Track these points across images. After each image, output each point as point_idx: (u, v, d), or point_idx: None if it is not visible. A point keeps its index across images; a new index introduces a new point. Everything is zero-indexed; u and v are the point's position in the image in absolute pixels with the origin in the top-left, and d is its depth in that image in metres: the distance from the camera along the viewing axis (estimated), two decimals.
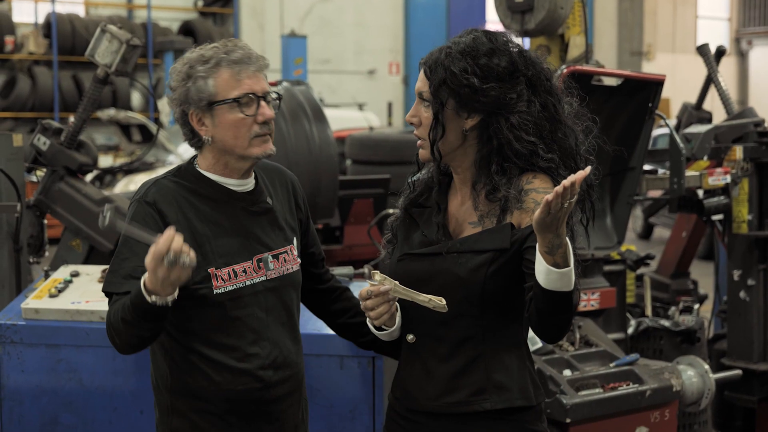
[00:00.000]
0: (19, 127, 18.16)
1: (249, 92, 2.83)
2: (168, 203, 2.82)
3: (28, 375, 3.83)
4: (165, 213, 2.81)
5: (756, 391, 5.65)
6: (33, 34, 19.35)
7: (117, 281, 2.77)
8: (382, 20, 23.51)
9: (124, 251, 2.79)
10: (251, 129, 2.84)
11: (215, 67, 2.82)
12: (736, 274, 5.70)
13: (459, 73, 2.66)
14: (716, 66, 7.22)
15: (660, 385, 4.38)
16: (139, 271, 2.67)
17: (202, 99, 2.83)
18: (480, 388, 2.70)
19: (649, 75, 5.10)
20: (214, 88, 2.82)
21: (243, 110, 2.82)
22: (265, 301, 2.92)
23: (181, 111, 2.89)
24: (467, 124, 2.70)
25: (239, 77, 2.83)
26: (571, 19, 5.64)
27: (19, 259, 4.74)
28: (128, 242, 2.77)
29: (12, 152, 4.73)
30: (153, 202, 2.82)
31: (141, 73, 19.52)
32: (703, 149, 5.53)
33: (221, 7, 22.09)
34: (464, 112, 2.69)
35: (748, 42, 31.85)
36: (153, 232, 2.63)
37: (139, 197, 2.84)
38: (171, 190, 2.86)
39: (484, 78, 2.65)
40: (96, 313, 3.81)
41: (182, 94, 2.86)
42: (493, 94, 2.65)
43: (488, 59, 2.66)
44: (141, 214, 2.80)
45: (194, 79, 2.83)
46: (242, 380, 2.87)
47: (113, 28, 5.03)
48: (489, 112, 2.67)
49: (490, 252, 2.65)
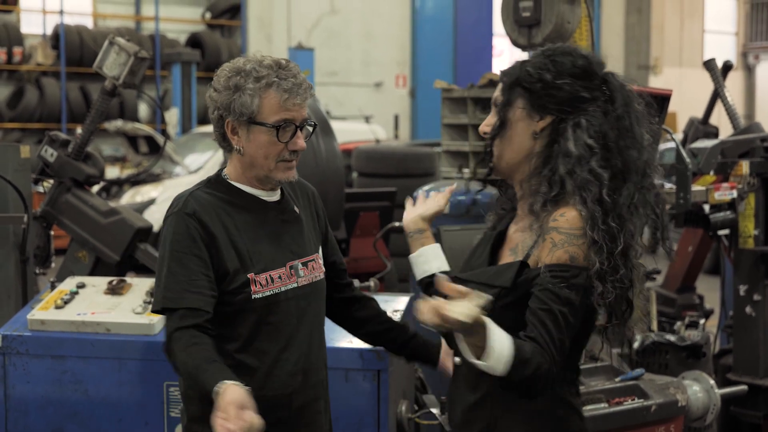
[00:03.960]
0: (26, 138, 18.19)
1: (289, 120, 2.89)
2: (207, 213, 2.87)
3: (34, 386, 3.84)
4: (206, 222, 2.85)
5: (762, 407, 5.63)
6: (41, 45, 19.39)
7: (175, 297, 2.78)
8: (389, 33, 23.53)
9: (174, 266, 2.81)
10: (281, 154, 2.92)
11: (265, 88, 2.87)
12: (743, 289, 5.68)
13: (533, 70, 2.63)
14: (723, 80, 7.22)
15: (665, 400, 4.37)
16: (194, 284, 2.76)
17: (243, 114, 2.88)
18: (485, 426, 2.67)
19: (655, 89, 5.09)
20: (258, 108, 2.87)
21: (279, 136, 2.89)
22: (297, 307, 2.99)
23: (218, 115, 2.93)
24: (539, 125, 2.63)
25: (285, 105, 2.89)
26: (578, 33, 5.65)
27: (26, 270, 4.75)
28: (175, 256, 2.81)
29: (19, 163, 4.74)
30: (193, 213, 2.86)
31: (148, 84, 19.56)
32: (710, 164, 5.52)
33: (229, 19, 22.13)
34: (536, 113, 2.62)
35: (755, 56, 31.83)
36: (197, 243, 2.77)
37: (179, 209, 2.88)
38: (207, 200, 2.90)
39: (558, 74, 2.61)
40: (102, 325, 3.82)
41: (225, 102, 2.90)
42: (567, 89, 2.60)
43: (563, 57, 2.63)
44: (183, 226, 2.84)
45: (242, 92, 2.87)
46: (273, 386, 2.93)
47: (121, 40, 5.05)
48: (561, 111, 2.60)
49: (497, 288, 2.60)
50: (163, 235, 2.88)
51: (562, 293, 2.48)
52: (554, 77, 2.60)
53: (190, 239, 2.81)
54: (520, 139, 2.65)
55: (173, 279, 2.80)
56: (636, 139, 2.60)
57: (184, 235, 2.82)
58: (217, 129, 2.96)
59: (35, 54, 19.28)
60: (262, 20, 21.93)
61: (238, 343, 2.91)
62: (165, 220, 2.91)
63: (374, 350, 3.60)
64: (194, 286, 2.77)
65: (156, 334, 3.81)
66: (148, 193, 13.92)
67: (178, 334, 2.74)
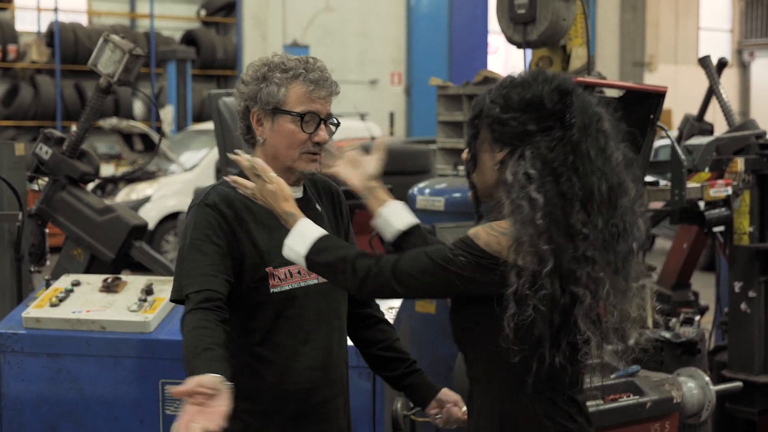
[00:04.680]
0: (21, 136, 18.17)
1: (314, 112, 2.94)
2: (227, 206, 2.90)
3: (29, 384, 3.83)
4: (226, 214, 2.88)
5: (757, 403, 5.64)
6: (36, 42, 19.36)
7: (190, 282, 2.80)
8: (384, 30, 23.53)
9: (193, 255, 2.84)
10: (304, 145, 2.95)
11: (293, 78, 2.92)
12: (737, 285, 5.69)
13: (488, 104, 2.65)
14: (718, 78, 7.22)
15: (660, 397, 4.38)
16: (212, 269, 2.80)
17: (269, 103, 2.93)
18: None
19: (650, 86, 5.10)
20: (284, 97, 2.92)
21: (303, 126, 2.93)
22: (317, 303, 3.01)
23: (245, 106, 2.98)
24: (497, 157, 2.65)
25: (311, 96, 2.93)
26: (573, 31, 5.65)
27: (21, 268, 4.75)
28: (195, 245, 2.85)
29: (14, 161, 4.73)
30: (213, 204, 2.89)
31: (143, 82, 19.54)
32: (705, 161, 5.52)
33: (224, 16, 22.11)
34: (496, 145, 2.65)
35: (750, 53, 31.86)
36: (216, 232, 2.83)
37: (200, 201, 2.92)
38: (229, 194, 2.93)
39: (506, 108, 2.61)
40: (97, 323, 3.81)
41: (252, 92, 2.95)
42: (513, 124, 2.60)
43: (514, 90, 2.63)
44: (204, 216, 2.88)
45: (269, 82, 2.93)
46: (292, 379, 2.95)
47: (116, 38, 5.04)
48: (512, 144, 2.61)
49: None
50: (185, 227, 2.93)
51: (449, 253, 2.57)
52: (501, 111, 2.61)
53: (210, 228, 2.85)
54: (485, 169, 2.70)
55: (192, 266, 2.83)
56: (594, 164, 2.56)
57: (204, 224, 2.86)
58: (243, 121, 3.01)
59: (30, 52, 19.26)
60: (257, 18, 21.91)
61: (257, 336, 2.94)
62: (187, 213, 2.97)
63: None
64: (211, 270, 2.80)
65: (151, 332, 3.81)
66: (144, 190, 13.92)
67: (188, 317, 2.74)
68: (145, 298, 3.92)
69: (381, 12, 23.46)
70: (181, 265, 2.87)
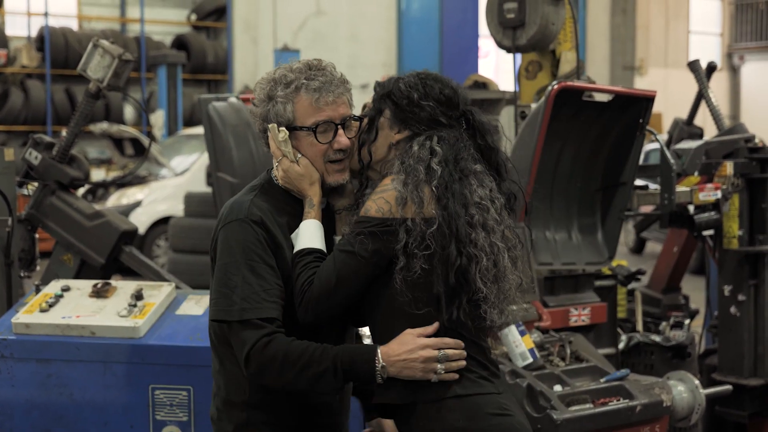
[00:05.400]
0: (11, 141, 18.15)
1: (326, 120, 2.86)
2: (271, 222, 2.82)
3: (19, 389, 3.83)
4: (272, 231, 2.81)
5: (746, 406, 5.65)
6: (26, 47, 19.34)
7: (253, 307, 2.72)
8: (375, 34, 23.54)
9: (249, 276, 2.75)
10: (326, 155, 2.88)
11: (294, 92, 2.86)
12: (727, 289, 5.71)
13: (404, 87, 2.84)
14: (707, 81, 7.25)
15: (650, 401, 4.38)
16: (270, 294, 2.73)
17: (280, 123, 2.87)
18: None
19: (639, 91, 5.12)
20: (292, 113, 2.87)
21: (319, 138, 2.87)
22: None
23: (263, 127, 2.94)
24: (395, 137, 2.83)
25: (318, 104, 2.86)
26: (563, 35, 5.67)
27: (10, 274, 4.74)
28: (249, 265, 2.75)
29: (4, 166, 4.72)
30: (261, 222, 2.80)
31: (134, 86, 19.52)
32: (694, 165, 5.54)
33: (214, 21, 22.10)
34: (396, 125, 2.84)
35: (740, 57, 31.94)
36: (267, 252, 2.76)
37: (244, 216, 2.80)
38: (267, 209, 2.85)
39: (425, 95, 2.82)
40: (87, 328, 3.81)
41: (263, 114, 2.91)
42: (428, 111, 2.81)
43: (434, 82, 2.86)
44: (252, 234, 2.78)
45: (274, 102, 2.88)
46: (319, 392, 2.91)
47: (105, 43, 5.04)
48: (418, 128, 2.82)
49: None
50: (228, 243, 2.79)
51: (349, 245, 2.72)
52: (420, 98, 2.82)
53: (261, 248, 2.76)
54: (379, 145, 2.87)
55: (250, 289, 2.73)
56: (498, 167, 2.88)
57: (255, 243, 2.77)
58: (264, 140, 2.96)
59: (20, 56, 19.24)
60: (247, 22, 21.90)
61: None
62: (225, 227, 2.82)
63: None
64: (270, 296, 2.73)
65: (141, 337, 3.80)
66: (134, 195, 13.89)
67: (266, 340, 2.68)
68: (135, 304, 3.91)
69: (372, 16, 23.47)
70: (228, 284, 2.75)
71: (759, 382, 5.64)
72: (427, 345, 2.67)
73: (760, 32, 31.44)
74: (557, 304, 4.93)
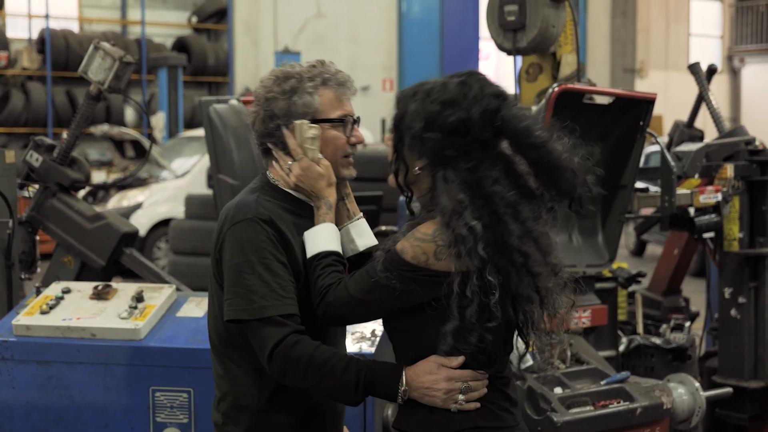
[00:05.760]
0: (12, 143, 18.16)
1: (348, 114, 2.90)
2: (279, 221, 2.80)
3: (19, 391, 3.83)
4: (282, 230, 2.79)
5: (747, 409, 5.65)
6: (27, 49, 19.36)
7: (273, 305, 2.70)
8: (375, 37, 23.55)
9: (265, 275, 2.73)
10: (344, 149, 2.90)
11: (322, 85, 2.87)
12: (727, 291, 5.71)
13: (410, 114, 2.66)
14: (707, 84, 7.24)
15: (651, 403, 4.39)
16: (287, 290, 2.71)
17: (307, 114, 2.85)
18: None
19: (640, 93, 5.12)
20: (320, 105, 2.86)
21: (345, 130, 2.89)
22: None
23: (275, 125, 2.86)
24: (416, 165, 2.68)
25: (341, 99, 2.89)
26: (563, 38, 5.67)
27: (11, 275, 4.74)
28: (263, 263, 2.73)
29: (4, 168, 4.73)
30: (270, 221, 2.78)
31: (135, 88, 19.54)
32: (695, 167, 5.54)
33: (215, 23, 22.12)
34: (414, 153, 2.68)
35: (740, 60, 31.95)
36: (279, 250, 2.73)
37: (252, 216, 2.77)
38: (273, 209, 2.82)
39: (428, 126, 2.61)
40: (87, 330, 3.81)
41: (283, 108, 2.85)
42: (430, 146, 2.62)
43: (441, 108, 2.61)
44: (263, 233, 2.75)
45: (300, 93, 2.85)
46: None
47: (106, 45, 5.04)
48: (430, 160, 2.64)
49: None
50: (237, 242, 2.76)
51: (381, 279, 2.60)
52: (423, 129, 2.62)
53: (273, 245, 2.74)
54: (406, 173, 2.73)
55: (267, 287, 2.71)
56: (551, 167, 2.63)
57: (266, 241, 2.74)
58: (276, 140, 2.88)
59: (21, 58, 19.26)
60: (248, 24, 21.91)
61: None
62: (234, 226, 2.78)
63: (360, 354, 3.61)
64: (287, 292, 2.72)
65: (142, 339, 3.80)
66: (135, 197, 13.90)
67: (293, 338, 2.67)
68: (135, 306, 3.91)
69: (372, 18, 23.49)
70: (243, 283, 2.72)
71: (759, 384, 5.64)
72: (452, 377, 2.64)
73: (760, 35, 31.45)
74: None
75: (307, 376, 2.68)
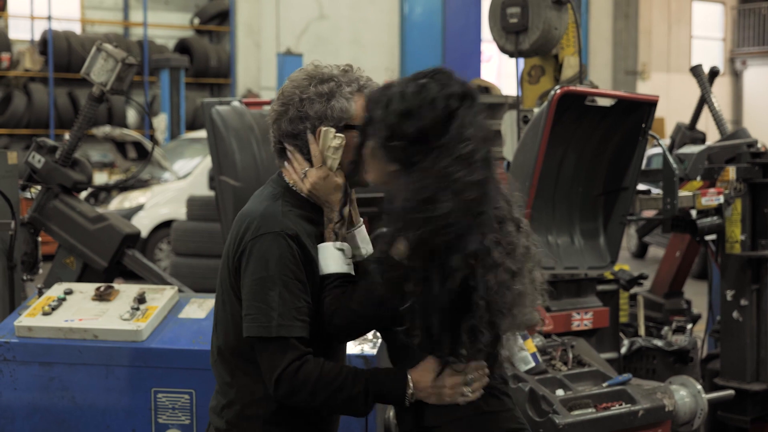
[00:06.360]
0: (14, 144, 18.16)
1: None
2: (303, 235, 2.76)
3: (21, 392, 3.83)
4: (306, 246, 2.75)
5: (749, 411, 5.65)
6: (29, 51, 19.36)
7: (287, 325, 2.67)
8: (377, 39, 23.56)
9: (284, 293, 2.69)
10: None
11: (358, 91, 2.83)
12: (729, 294, 5.70)
13: (376, 122, 2.68)
14: (709, 86, 7.25)
15: (653, 405, 4.38)
16: (301, 312, 2.68)
17: (342, 119, 2.80)
18: None
19: (642, 96, 5.12)
20: (354, 111, 2.81)
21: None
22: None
23: (310, 125, 2.81)
24: (389, 168, 2.69)
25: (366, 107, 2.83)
26: (565, 40, 5.67)
27: (13, 277, 4.74)
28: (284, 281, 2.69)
29: (6, 170, 4.73)
30: (296, 236, 2.74)
31: (137, 90, 19.55)
32: (696, 169, 5.54)
33: (217, 25, 22.12)
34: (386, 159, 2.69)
35: (742, 62, 31.94)
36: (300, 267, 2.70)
37: (279, 230, 2.72)
38: (297, 220, 2.78)
39: (390, 137, 2.64)
40: (89, 331, 3.81)
41: (320, 110, 2.79)
42: (399, 153, 2.64)
43: (398, 120, 2.62)
44: (287, 248, 2.71)
45: (338, 98, 2.80)
46: None
47: (109, 46, 5.04)
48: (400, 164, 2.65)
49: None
50: (264, 256, 2.71)
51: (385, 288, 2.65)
52: (389, 138, 2.65)
53: (295, 263, 2.70)
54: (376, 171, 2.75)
55: (285, 306, 2.67)
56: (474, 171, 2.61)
57: (290, 259, 2.70)
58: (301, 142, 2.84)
59: (23, 60, 19.26)
60: (250, 26, 21.92)
61: None
62: (259, 238, 2.72)
63: (362, 355, 3.61)
64: (301, 314, 2.68)
65: (143, 341, 3.80)
66: (137, 199, 13.90)
67: (297, 364, 2.64)
68: (137, 307, 3.92)
69: (374, 20, 23.50)
70: (266, 299, 2.69)
71: (761, 386, 5.64)
72: (455, 371, 2.66)
73: (762, 37, 31.44)
74: (559, 308, 4.93)
75: (316, 394, 2.66)
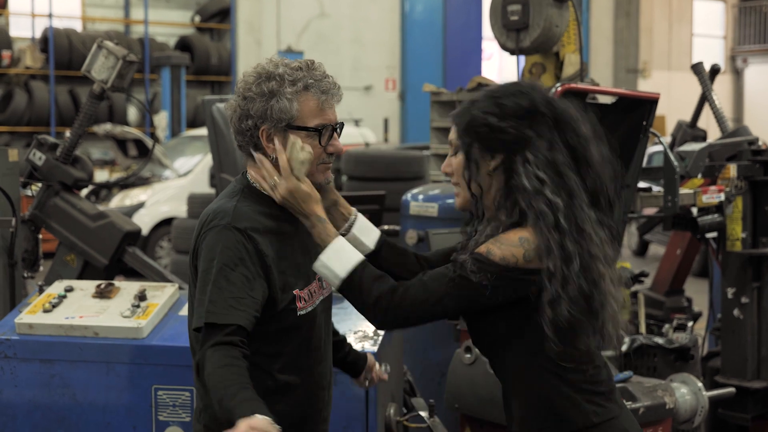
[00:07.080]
0: (15, 142, 18.16)
1: (327, 123, 2.82)
2: (256, 230, 2.73)
3: (22, 390, 3.83)
4: (256, 240, 2.72)
5: (749, 409, 5.65)
6: (30, 48, 19.36)
7: (220, 311, 2.61)
8: (378, 37, 23.55)
9: (221, 282, 2.65)
10: (320, 157, 2.83)
11: (304, 91, 2.78)
12: (730, 291, 5.70)
13: (479, 114, 2.72)
14: (710, 84, 7.25)
15: (653, 403, 4.38)
16: (240, 302, 2.62)
17: (282, 120, 2.76)
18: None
19: (643, 93, 5.11)
20: (297, 112, 2.77)
21: (321, 140, 2.81)
22: (326, 319, 2.97)
23: (252, 124, 2.79)
24: (491, 165, 2.72)
25: (323, 107, 2.81)
26: (566, 37, 5.68)
27: (14, 274, 4.74)
28: (223, 272, 2.66)
29: (7, 167, 4.73)
30: (244, 229, 2.71)
31: (137, 88, 19.54)
32: (697, 167, 5.54)
33: (218, 22, 22.11)
34: (487, 153, 2.72)
35: (743, 60, 31.93)
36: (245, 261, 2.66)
37: (227, 223, 2.71)
38: (251, 215, 2.76)
39: (502, 116, 2.69)
40: (90, 329, 3.81)
41: (260, 109, 2.77)
42: (512, 132, 2.69)
43: (508, 99, 2.71)
44: (233, 241, 2.69)
45: (278, 98, 2.76)
46: (311, 402, 2.90)
47: (109, 44, 5.05)
48: (509, 150, 2.69)
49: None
50: (208, 248, 2.70)
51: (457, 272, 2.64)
52: (499, 120, 2.70)
53: (239, 256, 2.67)
54: (482, 177, 2.76)
55: (219, 294, 2.63)
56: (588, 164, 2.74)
57: (233, 250, 2.67)
58: (248, 138, 2.81)
59: (24, 57, 19.25)
60: (251, 24, 21.91)
61: (281, 362, 2.81)
62: (208, 232, 2.72)
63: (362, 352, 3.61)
64: (240, 304, 2.63)
65: (144, 338, 3.80)
66: (138, 196, 13.90)
67: (211, 351, 2.57)
68: (138, 304, 3.92)
69: (375, 18, 23.49)
70: (206, 291, 2.66)
71: (762, 384, 5.64)
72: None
73: (763, 35, 31.42)
74: None
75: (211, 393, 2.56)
